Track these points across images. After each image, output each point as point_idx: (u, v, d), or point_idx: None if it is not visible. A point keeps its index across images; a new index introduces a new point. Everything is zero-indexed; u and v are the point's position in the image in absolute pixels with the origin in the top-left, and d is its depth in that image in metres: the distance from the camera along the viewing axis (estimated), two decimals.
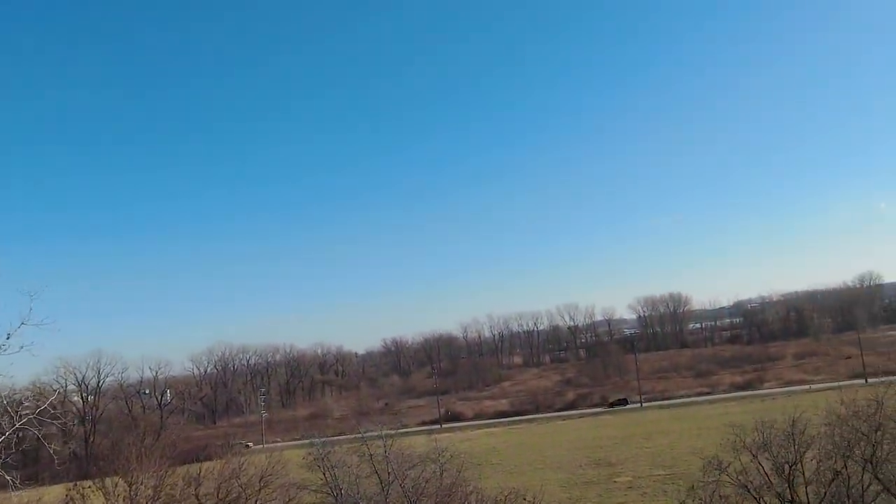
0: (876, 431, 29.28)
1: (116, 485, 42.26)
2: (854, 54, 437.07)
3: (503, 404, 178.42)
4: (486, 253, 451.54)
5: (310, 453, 42.72)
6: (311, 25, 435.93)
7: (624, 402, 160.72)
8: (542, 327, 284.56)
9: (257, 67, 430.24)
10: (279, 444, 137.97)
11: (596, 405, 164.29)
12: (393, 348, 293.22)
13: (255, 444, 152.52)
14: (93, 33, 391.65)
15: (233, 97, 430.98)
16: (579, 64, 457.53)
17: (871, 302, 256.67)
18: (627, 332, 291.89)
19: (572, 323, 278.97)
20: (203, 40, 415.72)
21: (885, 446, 28.88)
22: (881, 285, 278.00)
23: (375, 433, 44.00)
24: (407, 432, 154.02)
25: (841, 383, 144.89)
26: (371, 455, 39.47)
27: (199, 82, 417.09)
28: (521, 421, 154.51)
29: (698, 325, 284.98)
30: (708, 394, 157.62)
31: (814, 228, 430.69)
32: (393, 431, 43.81)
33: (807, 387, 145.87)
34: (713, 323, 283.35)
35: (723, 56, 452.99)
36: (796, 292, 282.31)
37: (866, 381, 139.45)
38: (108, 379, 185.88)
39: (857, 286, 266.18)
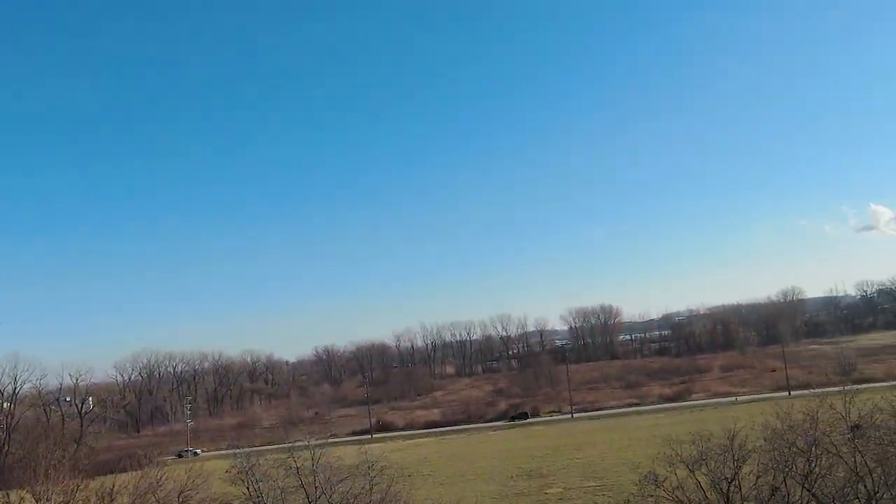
0: (812, 447, 29.11)
1: (22, 499, 39.60)
2: (777, 85, 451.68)
3: (435, 414, 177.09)
4: (420, 262, 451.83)
5: (233, 466, 40.62)
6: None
7: (524, 415, 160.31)
8: (474, 337, 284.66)
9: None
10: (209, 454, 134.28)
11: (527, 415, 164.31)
12: (324, 357, 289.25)
13: (203, 452, 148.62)
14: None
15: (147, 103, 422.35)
16: (511, 77, 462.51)
17: (793, 316, 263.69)
18: (559, 342, 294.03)
19: (505, 333, 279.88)
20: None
21: (822, 462, 28.69)
22: (803, 300, 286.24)
23: (303, 444, 42.30)
24: (337, 442, 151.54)
25: (766, 395, 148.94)
26: (298, 468, 37.73)
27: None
28: (452, 431, 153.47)
29: (628, 337, 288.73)
30: (637, 405, 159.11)
31: (740, 245, 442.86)
32: (322, 442, 42.19)
33: (733, 399, 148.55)
34: (643, 335, 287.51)
35: (657, 78, 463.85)
36: (723, 306, 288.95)
37: (790, 393, 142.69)
38: (25, 385, 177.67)
39: (781, 301, 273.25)
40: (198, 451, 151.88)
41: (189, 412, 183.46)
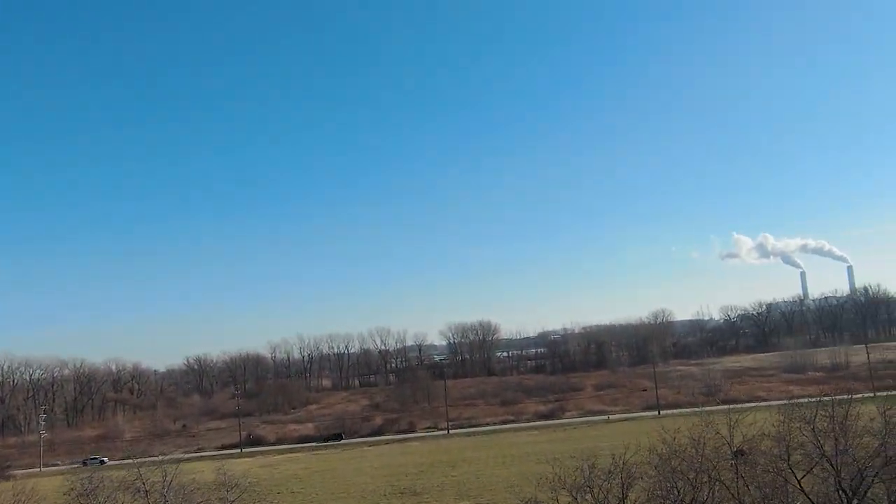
0: (697, 473, 28.24)
1: None
2: (654, 122, 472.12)
3: (308, 428, 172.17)
4: (300, 273, 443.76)
5: (72, 487, 36.28)
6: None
7: (339, 436, 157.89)
8: (353, 350, 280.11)
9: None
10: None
11: (403, 430, 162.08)
12: (196, 366, 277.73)
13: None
14: None
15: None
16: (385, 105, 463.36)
17: (663, 337, 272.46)
18: (437, 358, 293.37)
19: (383, 347, 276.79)
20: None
21: (705, 490, 27.81)
22: (672, 322, 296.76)
23: (156, 459, 38.50)
24: (203, 457, 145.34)
25: (637, 414, 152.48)
26: (147, 490, 34.03)
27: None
28: (326, 446, 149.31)
29: (505, 354, 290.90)
30: (513, 422, 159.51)
31: (614, 267, 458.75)
32: (176, 458, 38.53)
33: (606, 417, 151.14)
34: (520, 352, 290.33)
35: (532, 107, 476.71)
36: (597, 326, 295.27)
37: (659, 412, 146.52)
38: None
39: (652, 322, 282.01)
40: (104, 459, 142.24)
41: (43, 422, 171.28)
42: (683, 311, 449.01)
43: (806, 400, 35.35)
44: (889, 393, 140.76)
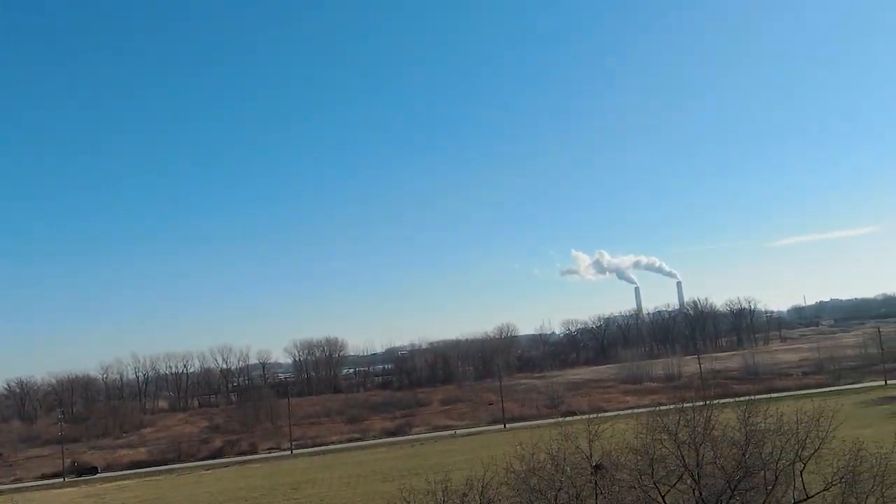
0: (558, 492, 26.39)
1: None
2: (496, 146, 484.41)
3: (141, 453, 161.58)
4: (134, 289, 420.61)
5: None
6: None
7: (94, 470, 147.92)
8: (192, 369, 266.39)
9: None
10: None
11: (244, 452, 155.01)
12: (17, 390, 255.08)
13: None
14: None
15: None
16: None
17: (508, 352, 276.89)
18: (282, 376, 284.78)
19: (225, 365, 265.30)
20: None
21: None
22: (516, 336, 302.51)
23: None
24: (20, 487, 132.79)
25: (483, 428, 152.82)
26: None
27: None
28: (160, 472, 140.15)
29: (352, 371, 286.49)
30: (360, 439, 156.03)
31: (460, 283, 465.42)
32: None
33: (452, 432, 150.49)
34: (367, 368, 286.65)
35: (370, 124, 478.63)
36: (444, 341, 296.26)
37: (505, 426, 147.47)
38: None
39: (497, 337, 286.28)
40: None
41: None
42: (527, 325, 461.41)
43: (644, 410, 34.53)
44: (720, 401, 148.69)
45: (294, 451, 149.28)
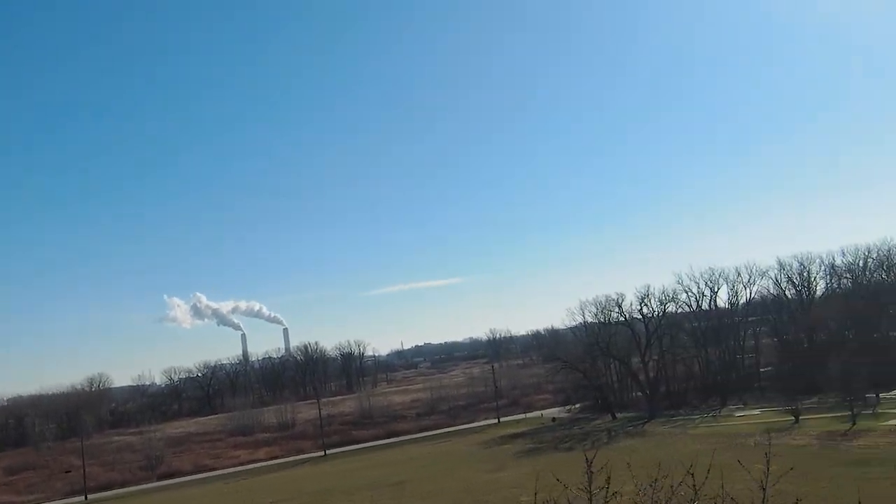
0: None
1: None
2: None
3: None
4: None
5: None
6: None
7: None
8: None
9: None
10: None
11: None
12: None
13: None
14: None
15: None
16: None
17: (99, 405, 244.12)
18: None
19: None
20: None
21: None
22: (110, 388, 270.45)
23: None
24: None
25: (58, 502, 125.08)
26: None
27: None
28: None
29: None
30: None
31: (43, 332, 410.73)
32: None
33: None
34: None
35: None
36: (21, 396, 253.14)
37: (86, 497, 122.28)
38: None
39: (86, 389, 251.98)
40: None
41: None
42: (124, 376, 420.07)
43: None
44: (339, 450, 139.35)
45: None
